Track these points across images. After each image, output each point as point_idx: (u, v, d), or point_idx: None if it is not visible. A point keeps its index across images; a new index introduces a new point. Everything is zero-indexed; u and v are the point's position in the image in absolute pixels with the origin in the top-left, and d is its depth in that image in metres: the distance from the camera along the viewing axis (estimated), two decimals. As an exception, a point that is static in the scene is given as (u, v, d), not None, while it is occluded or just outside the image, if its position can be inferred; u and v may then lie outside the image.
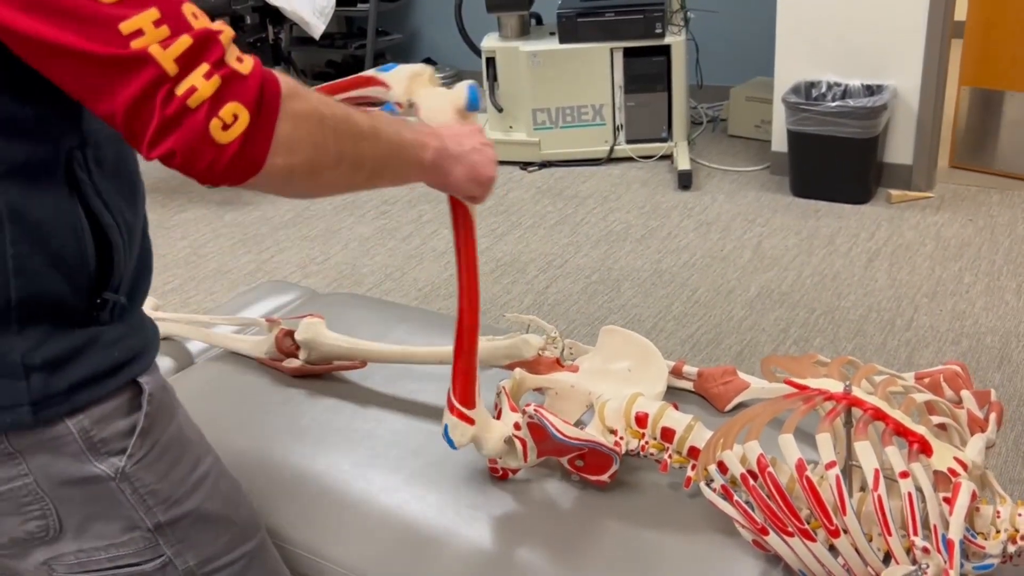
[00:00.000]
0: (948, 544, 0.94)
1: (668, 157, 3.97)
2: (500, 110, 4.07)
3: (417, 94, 1.12)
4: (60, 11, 0.68)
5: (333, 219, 3.68)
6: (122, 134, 0.73)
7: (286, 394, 1.45)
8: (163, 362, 1.60)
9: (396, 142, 0.92)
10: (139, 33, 0.69)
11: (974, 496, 0.98)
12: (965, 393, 1.17)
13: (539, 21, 4.22)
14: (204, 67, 0.71)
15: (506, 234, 3.42)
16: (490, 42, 4.03)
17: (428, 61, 5.48)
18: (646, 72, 3.87)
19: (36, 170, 0.79)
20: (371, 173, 0.89)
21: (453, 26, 4.30)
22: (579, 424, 1.24)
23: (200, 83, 0.70)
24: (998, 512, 1.01)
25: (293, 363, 1.48)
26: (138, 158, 0.85)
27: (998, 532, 1.00)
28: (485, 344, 1.40)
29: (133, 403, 0.88)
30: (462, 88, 1.11)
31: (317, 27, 4.02)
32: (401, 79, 1.12)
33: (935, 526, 0.96)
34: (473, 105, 1.11)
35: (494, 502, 1.18)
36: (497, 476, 1.22)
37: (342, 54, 5.34)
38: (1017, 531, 1.00)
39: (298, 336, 1.47)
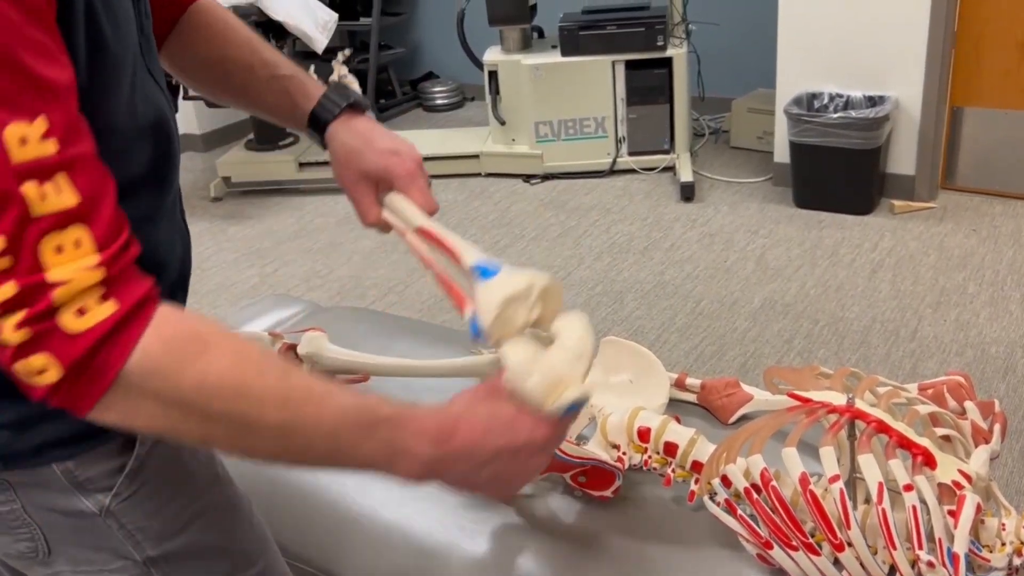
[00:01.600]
0: (953, 557, 0.94)
1: (670, 169, 3.97)
2: (502, 123, 4.08)
3: (509, 342, 0.86)
4: None
5: (336, 232, 3.68)
6: None
7: (289, 409, 1.45)
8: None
9: (335, 450, 0.73)
10: None
11: (979, 509, 0.97)
12: (969, 404, 1.16)
13: (541, 34, 4.24)
14: (19, 316, 0.62)
15: (509, 246, 3.42)
16: (492, 55, 4.05)
17: (430, 75, 5.50)
18: (648, 84, 3.88)
19: None
20: (275, 459, 0.74)
21: (455, 40, 4.32)
22: (581, 438, 1.24)
23: (9, 332, 0.62)
24: (1003, 525, 1.00)
25: (296, 377, 1.47)
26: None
27: (1003, 545, 0.99)
28: (489, 357, 1.40)
29: (125, 446, 0.85)
30: (566, 397, 0.80)
31: (320, 41, 4.03)
32: (491, 306, 0.87)
33: (940, 539, 0.95)
34: (569, 414, 0.80)
35: (498, 517, 1.18)
36: (500, 490, 1.21)
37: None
38: (1023, 543, 0.99)
39: (301, 350, 1.46)
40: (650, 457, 1.15)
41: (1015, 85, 3.33)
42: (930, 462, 1.00)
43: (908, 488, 0.97)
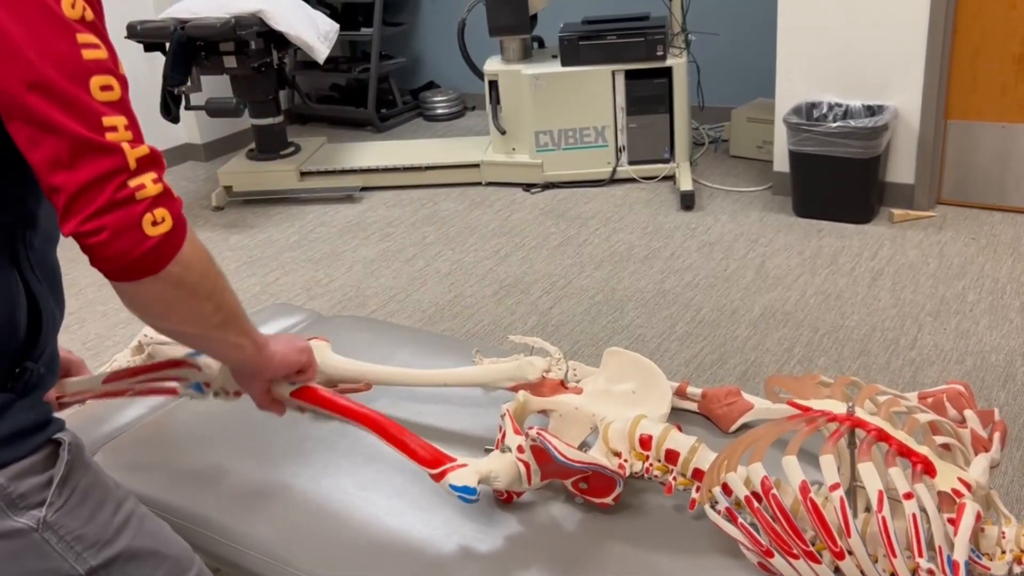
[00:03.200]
0: (953, 565, 0.94)
1: (670, 178, 3.98)
2: (503, 132, 4.09)
3: (229, 381, 1.26)
4: (58, 95, 0.81)
5: (337, 241, 3.69)
6: (57, 204, 0.83)
7: (291, 417, 1.45)
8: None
9: (241, 311, 1.04)
10: (113, 129, 0.83)
11: (979, 517, 0.97)
12: (968, 413, 1.17)
13: (541, 44, 4.25)
14: (153, 174, 0.85)
15: (509, 255, 3.43)
16: (493, 65, 4.06)
17: (431, 84, 5.52)
18: (648, 94, 3.89)
19: None
20: (224, 320, 0.99)
21: (456, 50, 4.34)
22: (583, 446, 1.24)
23: (149, 184, 0.85)
24: (1003, 533, 1.01)
25: (298, 386, 1.48)
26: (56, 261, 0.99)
27: (1003, 553, 1.00)
28: (489, 367, 1.41)
29: (50, 457, 0.92)
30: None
31: (321, 51, 4.05)
32: (211, 364, 1.27)
33: (940, 547, 0.96)
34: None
35: (499, 525, 1.18)
36: (502, 499, 1.22)
37: (346, 78, 5.38)
38: (1023, 551, 1.00)
39: (303, 359, 1.47)
40: (651, 465, 1.16)
41: (1012, 99, 3.34)
42: (930, 470, 1.01)
43: (908, 496, 0.97)
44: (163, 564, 1.00)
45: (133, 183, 0.83)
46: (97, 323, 3.12)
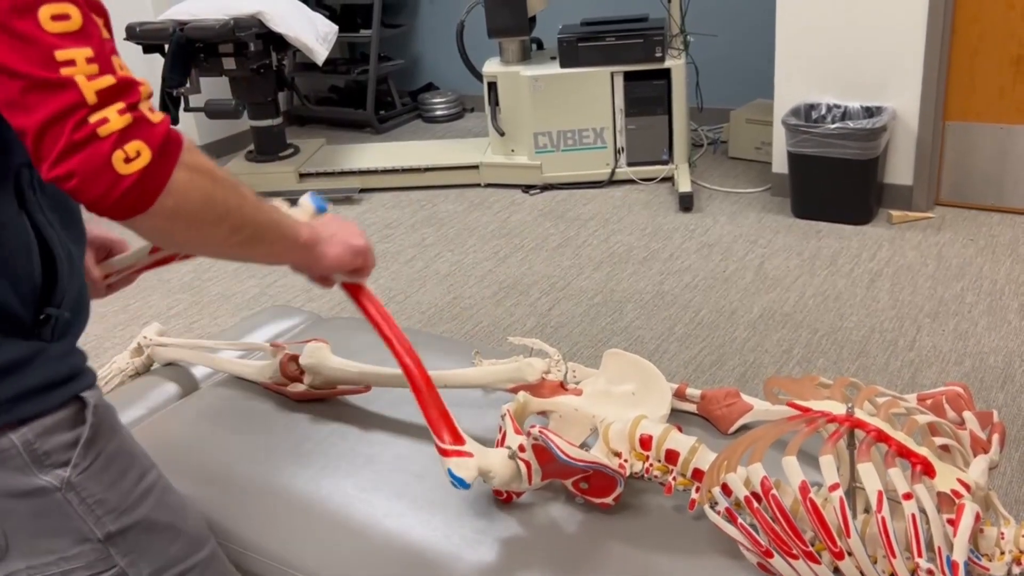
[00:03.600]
0: (953, 566, 0.94)
1: (669, 179, 3.99)
2: (502, 134, 4.09)
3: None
4: (5, 28, 0.74)
5: (336, 243, 3.69)
6: (28, 150, 0.77)
7: (290, 419, 1.45)
8: (168, 387, 1.61)
9: (276, 217, 0.98)
10: (71, 63, 0.76)
11: (978, 517, 0.98)
12: (967, 414, 1.17)
13: (540, 46, 4.26)
14: (119, 104, 0.77)
15: (508, 257, 3.43)
16: (491, 67, 4.06)
17: (430, 86, 5.52)
18: (646, 95, 3.90)
19: None
20: (249, 238, 0.93)
21: (455, 51, 4.34)
22: (583, 447, 1.24)
23: (113, 116, 0.77)
24: (1002, 533, 1.01)
25: (297, 388, 1.48)
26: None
27: (1003, 554, 1.00)
28: (488, 368, 1.41)
29: (77, 417, 0.91)
30: (305, 199, 1.21)
31: (320, 53, 4.05)
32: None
33: (939, 548, 0.96)
34: (322, 208, 1.21)
35: (499, 526, 1.18)
36: (501, 499, 1.22)
37: (345, 79, 5.39)
38: (1022, 552, 1.00)
39: (302, 361, 1.47)
40: (651, 465, 1.16)
41: (1010, 100, 3.35)
42: (929, 471, 1.01)
43: (907, 497, 0.97)
44: (178, 539, 1.00)
45: (94, 118, 0.76)
46: (96, 325, 3.12)
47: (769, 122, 3.79)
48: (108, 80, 0.77)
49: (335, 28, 4.21)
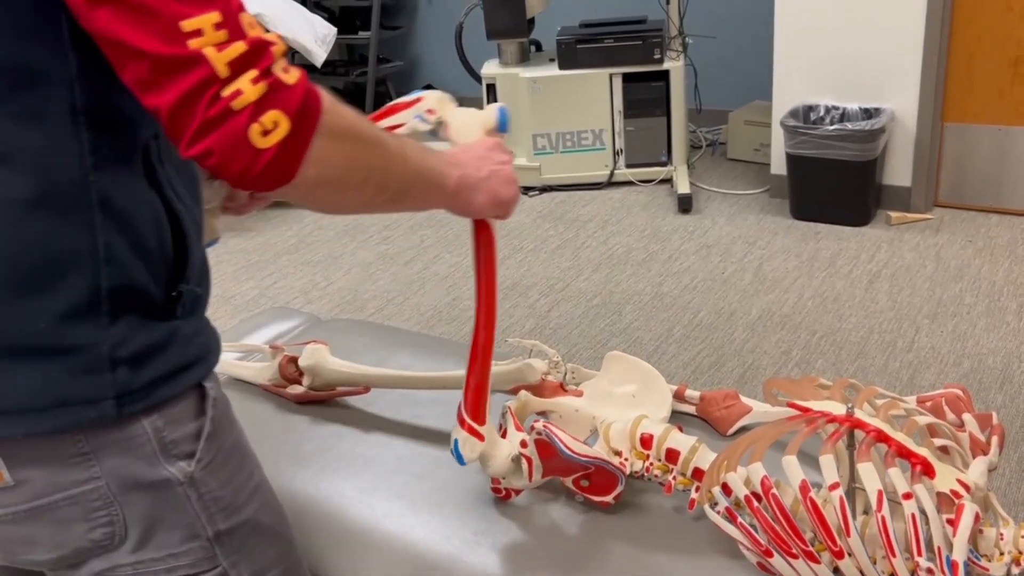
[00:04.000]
0: (952, 566, 0.94)
1: (668, 181, 3.99)
2: (500, 135, 4.09)
3: (447, 112, 1.15)
4: (123, 3, 0.69)
5: (335, 245, 3.69)
6: (164, 129, 0.74)
7: (290, 420, 1.45)
8: (167, 389, 1.61)
9: (422, 167, 0.93)
10: (198, 33, 0.70)
11: (977, 518, 0.98)
12: (967, 416, 1.17)
13: (538, 48, 4.26)
14: (252, 73, 0.72)
15: (508, 258, 3.43)
16: (490, 68, 4.07)
17: (428, 88, 5.52)
18: (645, 97, 3.90)
19: (120, 159, 0.80)
20: (395, 194, 0.90)
21: (453, 53, 4.34)
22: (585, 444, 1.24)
23: (246, 87, 0.72)
24: (1001, 534, 1.01)
25: (297, 389, 1.48)
26: None
27: (1002, 554, 1.00)
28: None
29: (200, 407, 0.88)
30: (492, 109, 1.14)
31: (319, 55, 4.05)
32: (432, 95, 1.18)
33: (939, 548, 0.96)
34: (503, 127, 1.14)
35: (499, 527, 1.18)
36: (500, 496, 1.22)
37: (344, 81, 5.38)
38: (1021, 553, 1.00)
39: (302, 362, 1.47)
40: (652, 464, 1.16)
41: (1008, 102, 3.35)
42: (929, 471, 1.01)
43: (907, 497, 0.97)
44: (277, 542, 0.97)
45: (227, 91, 0.71)
46: (95, 327, 3.11)
47: (768, 124, 3.80)
48: (239, 48, 0.72)
49: (334, 30, 4.21)
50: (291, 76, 0.75)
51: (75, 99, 0.77)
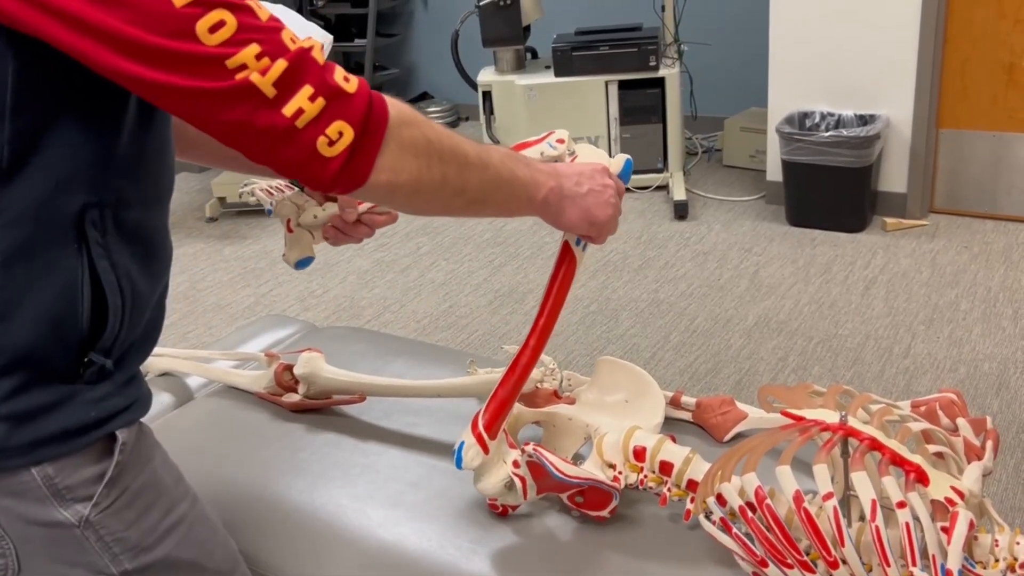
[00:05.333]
0: (947, 574, 0.94)
1: (664, 188, 3.99)
2: (497, 143, 4.10)
3: (575, 144, 1.21)
4: (166, 56, 0.73)
5: (331, 252, 3.69)
6: (245, 154, 0.78)
7: (285, 429, 1.45)
8: (162, 398, 1.61)
9: (506, 176, 0.95)
10: (243, 67, 0.74)
11: (972, 525, 0.98)
12: (961, 421, 1.17)
13: (534, 55, 4.27)
14: (308, 89, 0.76)
15: (504, 265, 3.43)
16: (486, 76, 4.07)
17: (425, 95, 5.53)
18: (641, 104, 3.91)
19: (43, 221, 0.79)
20: (474, 200, 0.92)
21: (450, 60, 4.35)
22: (577, 457, 1.24)
23: (306, 105, 0.76)
24: (996, 541, 1.01)
25: (292, 398, 1.48)
26: (169, 226, 0.91)
27: (997, 561, 1.00)
28: (484, 377, 1.41)
29: (104, 451, 0.86)
30: (620, 158, 1.21)
31: (315, 63, 4.06)
32: (562, 130, 1.22)
33: (934, 556, 0.96)
34: (624, 177, 1.19)
35: (495, 537, 1.18)
36: (497, 512, 1.21)
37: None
38: (1016, 560, 1.00)
39: (297, 370, 1.47)
40: (646, 476, 1.16)
41: (1003, 108, 3.36)
42: (923, 479, 1.01)
43: (901, 505, 0.97)
44: None
45: (288, 111, 0.75)
46: (91, 335, 3.10)
47: (763, 130, 3.80)
48: (280, 66, 0.75)
49: (330, 38, 4.20)
50: (351, 85, 0.78)
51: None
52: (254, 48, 0.74)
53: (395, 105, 0.82)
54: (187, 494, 0.97)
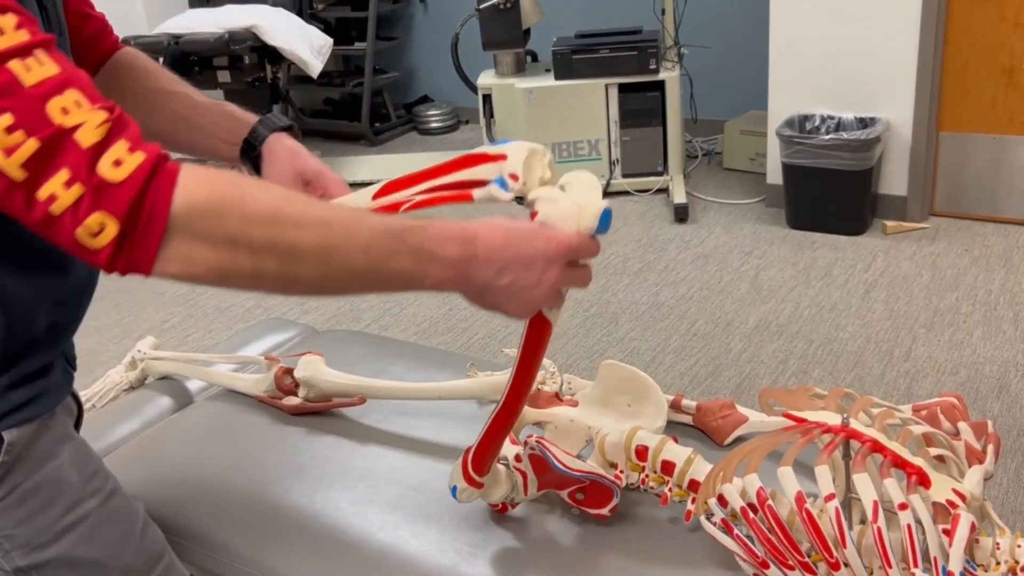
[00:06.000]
0: (948, 576, 0.94)
1: (664, 191, 3.99)
2: (497, 146, 4.10)
3: (535, 189, 0.94)
4: None
5: (331, 255, 3.69)
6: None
7: (285, 432, 1.45)
8: (162, 401, 1.61)
9: (370, 266, 0.76)
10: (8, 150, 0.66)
11: (973, 528, 0.98)
12: (962, 425, 1.17)
13: (534, 58, 4.27)
14: (64, 174, 0.66)
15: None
16: (486, 79, 4.08)
17: (425, 99, 5.53)
18: (641, 107, 3.91)
19: None
20: (319, 290, 0.79)
21: (450, 64, 4.35)
22: (579, 459, 1.24)
23: (60, 192, 0.66)
24: (997, 544, 1.01)
25: (292, 401, 1.48)
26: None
27: (998, 564, 1.00)
28: (483, 380, 1.41)
29: None
30: (594, 209, 0.91)
31: (315, 66, 4.06)
32: (519, 153, 0.94)
33: (935, 558, 0.96)
34: (602, 228, 0.93)
35: (495, 539, 1.18)
36: (497, 510, 1.21)
37: (340, 92, 5.39)
38: (1017, 563, 1.00)
39: (297, 374, 1.47)
40: (647, 476, 1.16)
41: (1002, 111, 3.36)
42: (924, 481, 1.01)
43: (903, 507, 0.97)
44: (101, 575, 0.95)
45: (42, 195, 0.66)
46: (90, 339, 3.11)
47: (763, 133, 3.80)
48: (31, 147, 0.65)
49: (330, 41, 4.22)
50: (121, 171, 0.67)
51: None
52: (6, 119, 0.65)
53: (191, 192, 0.69)
54: (99, 491, 0.95)
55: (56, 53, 0.69)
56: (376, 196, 1.01)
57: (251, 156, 1.11)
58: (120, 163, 0.67)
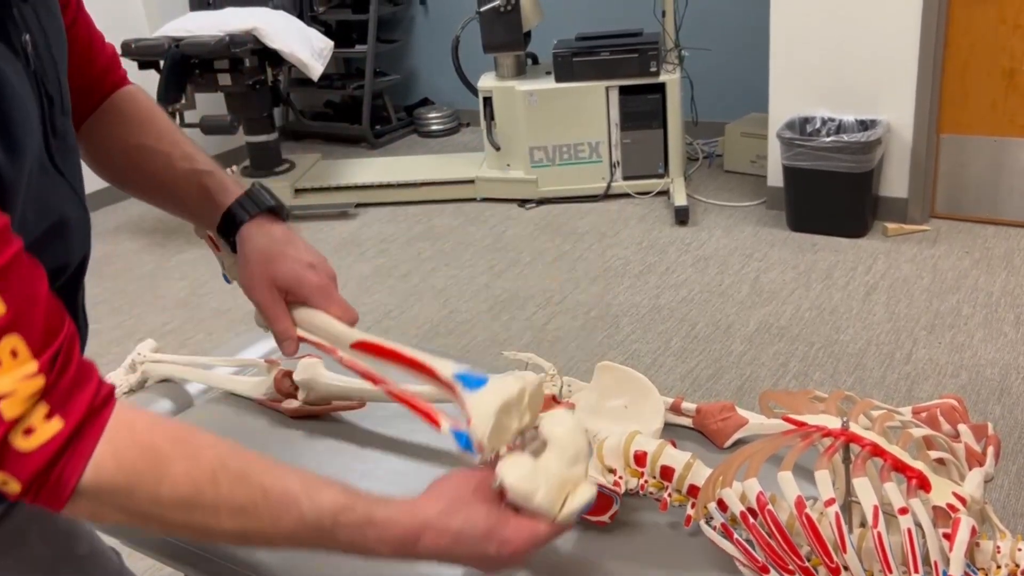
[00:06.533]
0: (949, 580, 0.94)
1: (665, 193, 3.99)
2: (497, 148, 4.10)
3: (506, 458, 0.85)
4: None
5: (332, 258, 3.68)
6: None
7: (284, 435, 1.45)
8: (162, 404, 1.60)
9: (295, 547, 0.77)
10: None
11: (974, 531, 0.97)
12: (962, 427, 1.17)
13: (535, 61, 4.27)
14: None
15: (505, 271, 3.43)
16: (487, 82, 4.08)
17: (425, 101, 5.53)
18: (642, 109, 3.91)
19: None
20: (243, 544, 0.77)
21: (450, 66, 4.35)
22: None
23: None
24: (998, 547, 1.00)
25: (292, 404, 1.48)
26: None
27: (999, 567, 0.99)
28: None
29: None
30: (579, 502, 0.86)
31: (315, 68, 4.06)
32: (486, 418, 0.85)
33: (936, 562, 0.95)
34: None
35: (493, 542, 1.18)
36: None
37: (340, 95, 5.40)
38: (1018, 566, 0.99)
39: (297, 377, 1.47)
40: (646, 481, 1.16)
41: (1003, 113, 3.36)
42: (925, 485, 1.00)
43: (903, 511, 0.97)
44: None
45: None
46: (89, 342, 3.10)
47: (764, 135, 3.80)
48: None
49: (330, 43, 4.22)
50: (31, 441, 0.64)
51: None
52: None
53: (103, 469, 0.66)
54: (70, 559, 0.91)
55: (13, 272, 0.63)
56: (355, 346, 0.98)
57: (228, 239, 1.04)
58: (31, 432, 0.64)
